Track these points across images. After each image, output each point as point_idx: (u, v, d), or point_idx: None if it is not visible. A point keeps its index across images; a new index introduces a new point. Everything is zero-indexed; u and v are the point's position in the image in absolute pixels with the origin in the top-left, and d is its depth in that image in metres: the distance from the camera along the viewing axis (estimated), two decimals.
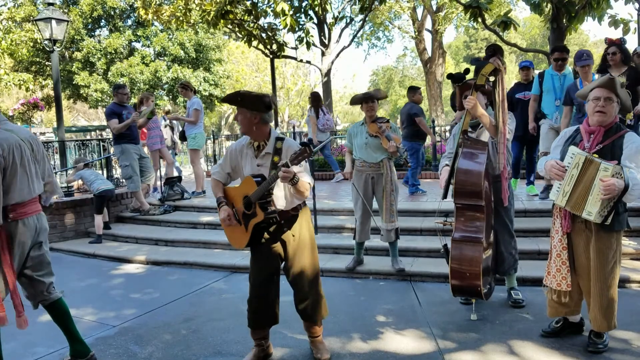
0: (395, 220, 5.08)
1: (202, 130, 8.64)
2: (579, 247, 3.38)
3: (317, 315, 3.44)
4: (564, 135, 3.55)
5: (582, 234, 3.35)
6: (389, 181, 5.00)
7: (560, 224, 3.39)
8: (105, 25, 25.22)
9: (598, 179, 3.08)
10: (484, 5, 8.88)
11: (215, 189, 3.45)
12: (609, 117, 3.25)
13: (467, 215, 3.84)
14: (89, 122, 36.16)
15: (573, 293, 3.45)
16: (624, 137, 3.21)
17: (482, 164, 3.76)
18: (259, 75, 37.94)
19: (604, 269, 3.26)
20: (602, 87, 3.27)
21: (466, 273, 3.77)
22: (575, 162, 3.19)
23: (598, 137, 3.26)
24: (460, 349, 3.53)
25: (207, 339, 3.90)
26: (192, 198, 8.50)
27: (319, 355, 3.47)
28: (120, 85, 8.12)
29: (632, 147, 3.16)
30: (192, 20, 15.46)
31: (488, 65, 3.87)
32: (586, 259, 3.34)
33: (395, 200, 5.06)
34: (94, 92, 23.34)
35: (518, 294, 4.34)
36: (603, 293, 3.27)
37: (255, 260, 3.50)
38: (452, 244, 3.85)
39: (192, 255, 6.23)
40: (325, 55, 16.45)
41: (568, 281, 3.39)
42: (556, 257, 3.42)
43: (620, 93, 3.26)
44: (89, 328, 4.25)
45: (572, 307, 3.51)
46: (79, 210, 7.77)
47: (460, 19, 24.12)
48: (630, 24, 9.85)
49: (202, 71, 25.03)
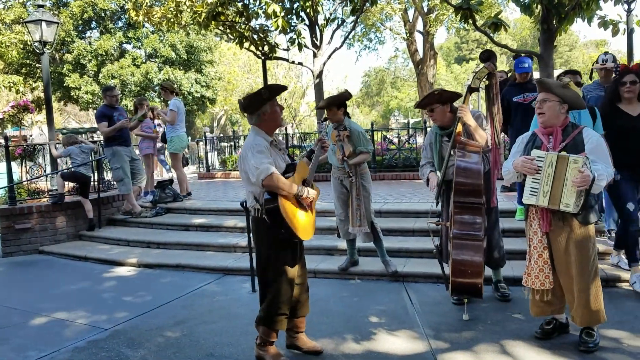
0: (363, 224, 4.98)
1: (179, 133, 8.41)
2: (559, 245, 3.43)
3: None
4: (522, 141, 3.66)
5: (561, 232, 3.41)
6: (354, 185, 4.98)
7: (539, 224, 3.44)
8: (96, 27, 25.13)
9: (569, 171, 3.22)
10: (475, 6, 8.92)
11: (286, 182, 3.22)
12: (548, 118, 3.44)
13: (467, 213, 3.90)
14: (79, 125, 35.94)
15: (556, 290, 3.50)
16: (583, 133, 3.40)
17: (479, 163, 3.87)
18: (251, 77, 37.89)
19: (587, 262, 3.33)
20: (540, 91, 3.50)
21: (468, 270, 3.81)
22: (549, 162, 3.31)
23: (558, 137, 3.42)
24: (453, 349, 3.54)
25: (200, 342, 3.89)
26: (184, 200, 8.47)
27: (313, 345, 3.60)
28: (109, 88, 8.08)
29: (592, 142, 3.35)
30: (183, 22, 15.42)
31: (483, 69, 4.02)
32: (566, 255, 3.40)
33: (362, 204, 4.97)
34: (85, 94, 23.24)
35: (505, 288, 4.45)
36: (589, 286, 3.33)
37: (295, 251, 3.44)
38: (453, 241, 3.89)
39: (184, 258, 6.21)
40: (317, 56, 16.44)
41: (550, 279, 3.45)
42: (538, 257, 3.46)
43: (559, 92, 3.41)
44: (81, 331, 4.23)
45: (556, 305, 3.56)
46: (71, 213, 7.72)
47: (451, 20, 24.22)
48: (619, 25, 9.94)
49: (193, 73, 24.99)
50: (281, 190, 3.19)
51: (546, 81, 3.53)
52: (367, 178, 5.13)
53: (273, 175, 3.14)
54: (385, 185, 9.69)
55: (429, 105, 4.17)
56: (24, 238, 7.36)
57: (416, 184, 9.74)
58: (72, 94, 23.92)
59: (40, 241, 7.44)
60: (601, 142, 3.39)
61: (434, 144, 4.30)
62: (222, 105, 37.80)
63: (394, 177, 10.64)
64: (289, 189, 3.21)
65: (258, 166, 3.15)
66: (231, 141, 14.83)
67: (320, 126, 4.25)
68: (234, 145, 14.30)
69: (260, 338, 3.45)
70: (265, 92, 3.31)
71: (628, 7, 9.55)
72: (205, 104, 26.67)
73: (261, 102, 3.32)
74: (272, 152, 3.35)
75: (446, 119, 4.16)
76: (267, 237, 3.34)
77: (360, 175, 5.04)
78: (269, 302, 3.35)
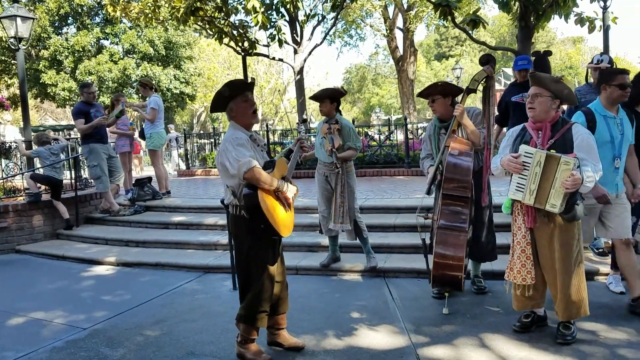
0: (345, 221, 4.98)
1: (158, 130, 8.35)
2: (543, 241, 3.46)
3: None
4: (512, 135, 3.64)
5: (545, 228, 3.43)
6: (339, 182, 4.99)
7: (523, 220, 3.47)
8: (73, 23, 24.73)
9: (559, 172, 3.18)
10: (454, 3, 8.97)
11: (268, 176, 3.22)
12: (538, 113, 3.40)
13: (454, 206, 3.97)
14: (57, 122, 35.36)
15: (538, 285, 3.54)
16: (572, 130, 3.36)
17: (469, 160, 3.98)
18: (231, 73, 37.65)
19: (570, 258, 3.36)
20: (532, 84, 3.45)
21: (450, 261, 3.87)
22: (537, 160, 3.27)
23: (547, 133, 3.39)
24: (433, 343, 3.57)
25: (180, 340, 3.86)
26: (163, 198, 8.38)
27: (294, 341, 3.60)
28: (86, 84, 7.95)
29: (581, 138, 3.31)
30: (161, 17, 15.24)
31: (481, 72, 4.15)
32: (550, 251, 3.43)
33: (345, 201, 4.98)
34: (62, 90, 22.88)
35: (481, 282, 4.55)
36: (571, 282, 3.37)
37: (275, 248, 3.43)
38: (438, 231, 3.95)
39: (164, 256, 6.15)
40: (298, 53, 16.41)
41: (532, 275, 3.48)
42: (521, 252, 3.50)
43: (552, 87, 3.38)
44: (59, 331, 4.16)
45: (537, 299, 3.60)
46: (48, 212, 7.59)
47: (431, 17, 24.36)
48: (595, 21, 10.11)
49: (172, 69, 24.75)
50: (262, 184, 3.18)
51: (539, 75, 3.48)
52: (352, 176, 5.14)
53: (255, 168, 3.13)
54: (367, 181, 9.72)
55: (431, 95, 4.28)
56: (0, 237, 7.21)
57: (397, 180, 9.80)
58: (48, 91, 23.54)
59: (16, 240, 7.29)
60: (590, 139, 3.35)
61: (433, 136, 4.41)
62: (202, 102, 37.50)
63: (375, 174, 10.68)
64: (270, 183, 3.21)
65: (239, 159, 3.14)
66: (211, 138, 14.74)
67: (299, 127, 4.25)
68: (215, 142, 14.21)
69: (241, 336, 3.43)
70: (226, 90, 3.30)
71: (604, 4, 9.70)
72: (184, 100, 26.44)
73: (224, 100, 3.33)
74: (252, 146, 3.34)
75: (446, 111, 4.27)
76: (247, 234, 3.32)
77: (346, 172, 5.05)
78: (250, 300, 3.34)
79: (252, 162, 3.13)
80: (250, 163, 3.12)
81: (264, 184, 3.18)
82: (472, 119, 4.17)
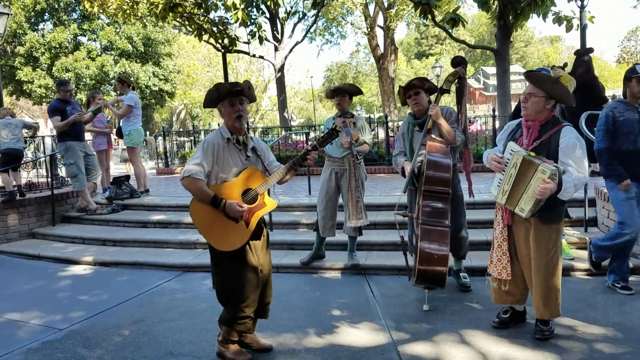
0: (363, 217, 4.99)
1: (137, 127, 8.22)
2: (520, 238, 3.49)
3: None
4: (507, 129, 3.66)
5: (521, 226, 3.46)
6: (353, 177, 4.98)
7: (502, 216, 3.51)
8: (49, 19, 24.32)
9: (535, 179, 3.13)
10: (433, 2, 9.04)
11: (203, 189, 3.13)
12: (531, 112, 3.35)
13: (435, 202, 4.01)
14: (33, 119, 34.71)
15: (517, 282, 3.57)
16: (561, 132, 3.29)
17: (449, 156, 4.06)
18: (211, 70, 37.39)
19: (544, 259, 3.37)
20: (529, 83, 3.40)
21: (434, 255, 3.89)
22: (514, 162, 3.26)
23: (534, 133, 3.35)
24: (413, 340, 3.58)
25: (159, 340, 3.81)
26: (141, 197, 8.27)
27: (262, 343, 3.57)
28: (63, 82, 7.79)
29: (566, 142, 3.24)
30: (139, 14, 15.06)
31: (454, 73, 4.21)
32: (526, 249, 3.46)
33: (361, 197, 5.00)
34: (38, 87, 22.50)
35: (466, 277, 4.55)
36: (544, 282, 3.39)
37: (247, 259, 3.25)
38: (421, 227, 3.97)
39: (143, 255, 6.07)
40: (279, 50, 16.35)
41: (508, 271, 3.52)
42: (497, 247, 3.54)
43: (547, 87, 3.31)
44: (35, 332, 4.08)
45: (517, 295, 3.63)
46: (23, 210, 7.43)
47: (411, 15, 24.51)
48: (573, 21, 10.27)
49: (151, 66, 24.48)
50: (195, 196, 3.16)
51: (536, 74, 3.39)
52: (363, 171, 5.13)
53: (190, 177, 3.10)
54: None
55: (419, 87, 4.30)
56: None
57: (377, 177, 9.83)
58: (24, 88, 23.14)
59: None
60: (576, 143, 3.23)
61: (406, 133, 4.43)
62: (182, 99, 37.17)
63: None
64: (201, 197, 3.13)
65: (190, 163, 3.16)
66: (191, 136, 14.60)
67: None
68: (194, 139, 14.08)
69: (222, 335, 3.40)
70: (215, 91, 3.27)
71: (581, 4, 9.86)
72: (163, 97, 26.18)
73: (215, 99, 3.31)
74: (226, 150, 3.26)
75: (425, 107, 4.30)
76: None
77: (357, 167, 5.02)
78: (233, 307, 3.25)
79: (191, 171, 3.10)
80: (190, 172, 3.10)
81: (196, 196, 3.15)
82: (445, 118, 4.21)
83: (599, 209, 5.73)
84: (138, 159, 8.56)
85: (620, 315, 3.83)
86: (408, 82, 4.39)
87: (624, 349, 3.28)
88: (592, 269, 4.65)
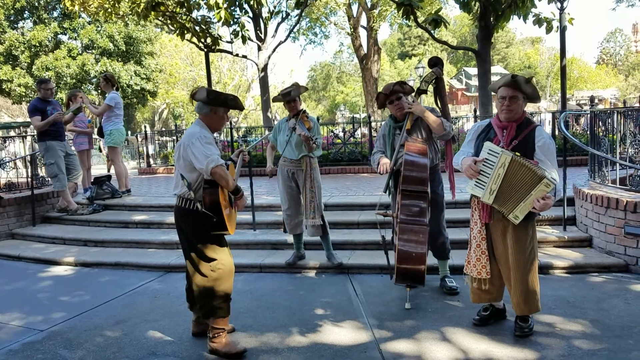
0: (317, 217, 5.05)
1: (118, 127, 8.14)
2: (497, 236, 3.55)
3: None
4: (476, 130, 3.68)
5: (499, 224, 3.51)
6: (309, 178, 5.05)
7: (479, 215, 3.55)
8: (29, 17, 23.97)
9: (538, 190, 3.18)
10: (415, 3, 9.11)
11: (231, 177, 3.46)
12: (515, 114, 3.43)
13: (413, 200, 4.05)
14: (12, 119, 34.14)
15: (494, 280, 3.62)
16: (535, 132, 3.40)
17: (426, 157, 4.12)
18: (194, 70, 37.14)
19: (523, 255, 3.44)
20: (507, 87, 3.42)
21: (412, 254, 3.92)
22: (502, 162, 3.29)
23: (511, 133, 3.42)
24: (395, 338, 3.62)
25: (141, 341, 3.79)
26: (123, 197, 8.20)
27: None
28: (43, 80, 7.68)
29: (543, 142, 3.35)
30: (121, 12, 14.90)
31: (430, 74, 4.30)
32: (504, 247, 3.51)
33: (315, 196, 5.05)
34: (17, 86, 22.17)
35: (452, 282, 4.54)
36: (523, 279, 3.45)
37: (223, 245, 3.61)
38: (399, 226, 4.01)
39: (124, 256, 6.02)
40: (262, 49, 16.31)
41: (487, 269, 3.57)
42: (476, 247, 3.59)
43: (525, 89, 3.41)
44: (15, 333, 4.03)
45: (494, 293, 3.68)
46: (2, 211, 7.32)
47: (394, 16, 24.61)
48: (553, 22, 10.42)
49: (133, 65, 24.25)
50: (224, 182, 3.34)
51: (520, 79, 3.39)
52: (318, 171, 5.20)
53: (222, 166, 3.31)
54: (331, 179, 9.76)
55: (401, 92, 4.34)
56: None
57: (361, 177, 9.88)
58: (3, 87, 22.78)
59: None
60: (552, 143, 3.37)
61: (387, 135, 4.49)
62: (164, 99, 36.85)
63: (340, 171, 10.74)
64: (231, 183, 3.38)
65: (209, 155, 3.29)
66: (173, 135, 14.50)
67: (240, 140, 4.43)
68: (176, 139, 13.99)
69: (212, 331, 3.47)
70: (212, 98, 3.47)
71: (561, 5, 10.02)
72: (145, 97, 25.95)
73: (221, 102, 3.51)
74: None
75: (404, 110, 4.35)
76: (199, 229, 3.43)
77: (313, 168, 5.09)
78: (211, 293, 3.45)
79: (220, 160, 3.31)
80: (219, 160, 3.31)
81: (227, 182, 3.34)
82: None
83: (577, 208, 5.82)
84: (119, 159, 8.48)
85: (598, 312, 3.91)
86: (389, 87, 4.39)
87: (601, 345, 3.35)
88: None
